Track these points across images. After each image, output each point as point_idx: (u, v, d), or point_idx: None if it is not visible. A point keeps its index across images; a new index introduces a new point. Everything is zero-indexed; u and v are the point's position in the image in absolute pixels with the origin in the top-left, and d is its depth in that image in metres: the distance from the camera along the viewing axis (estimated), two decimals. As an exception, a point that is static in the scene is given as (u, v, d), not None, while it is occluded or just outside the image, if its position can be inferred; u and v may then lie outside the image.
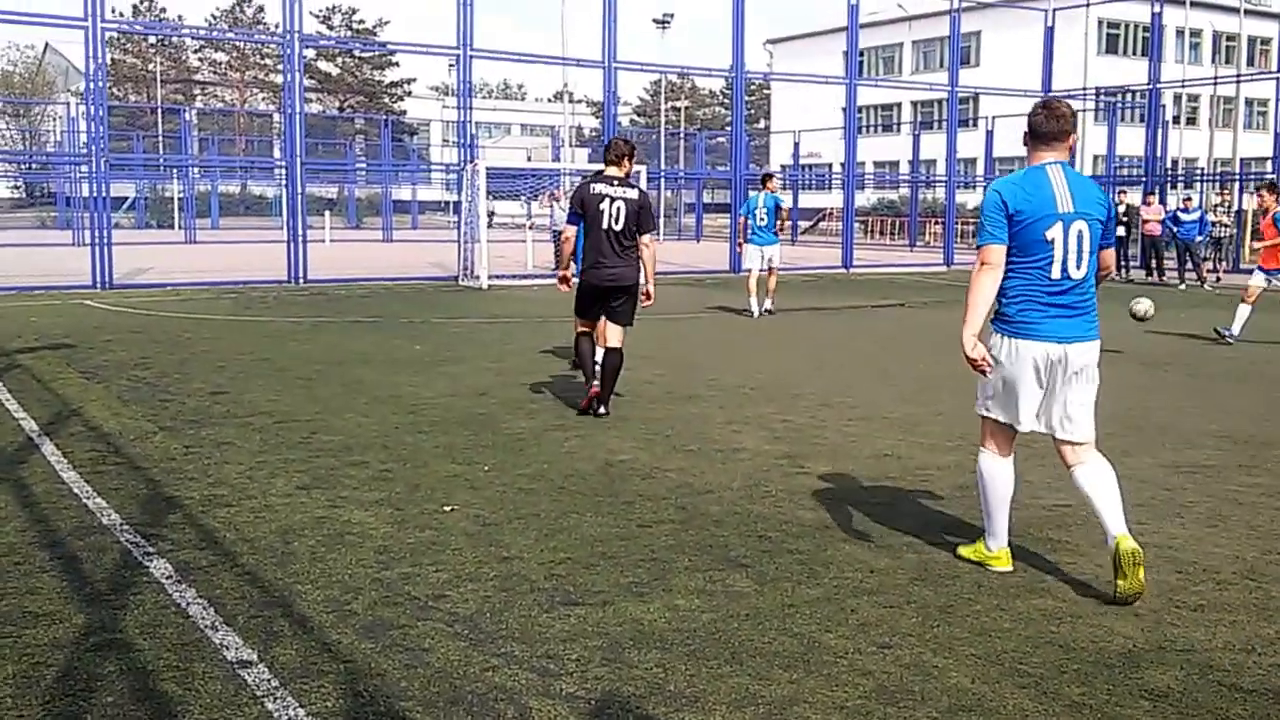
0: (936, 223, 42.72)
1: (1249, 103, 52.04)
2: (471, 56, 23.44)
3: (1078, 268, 4.98)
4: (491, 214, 27.92)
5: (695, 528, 5.82)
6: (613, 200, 8.72)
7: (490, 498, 6.36)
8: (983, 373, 5.07)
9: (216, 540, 5.50)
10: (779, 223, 17.04)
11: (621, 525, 5.85)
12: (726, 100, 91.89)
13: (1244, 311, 13.95)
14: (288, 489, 6.49)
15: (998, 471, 5.29)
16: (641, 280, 8.92)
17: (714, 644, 4.31)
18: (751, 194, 17.62)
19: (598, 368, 8.91)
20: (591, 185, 8.88)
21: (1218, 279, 24.98)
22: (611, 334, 8.88)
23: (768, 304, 17.16)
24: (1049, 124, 5.06)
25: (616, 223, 8.71)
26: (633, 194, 8.81)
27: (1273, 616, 4.66)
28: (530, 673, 4.03)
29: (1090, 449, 5.18)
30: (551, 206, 27.83)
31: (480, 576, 5.03)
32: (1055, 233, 4.94)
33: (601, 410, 8.79)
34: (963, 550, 5.43)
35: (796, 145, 51.32)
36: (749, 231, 17.00)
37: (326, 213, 42.52)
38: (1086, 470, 5.14)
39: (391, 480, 6.73)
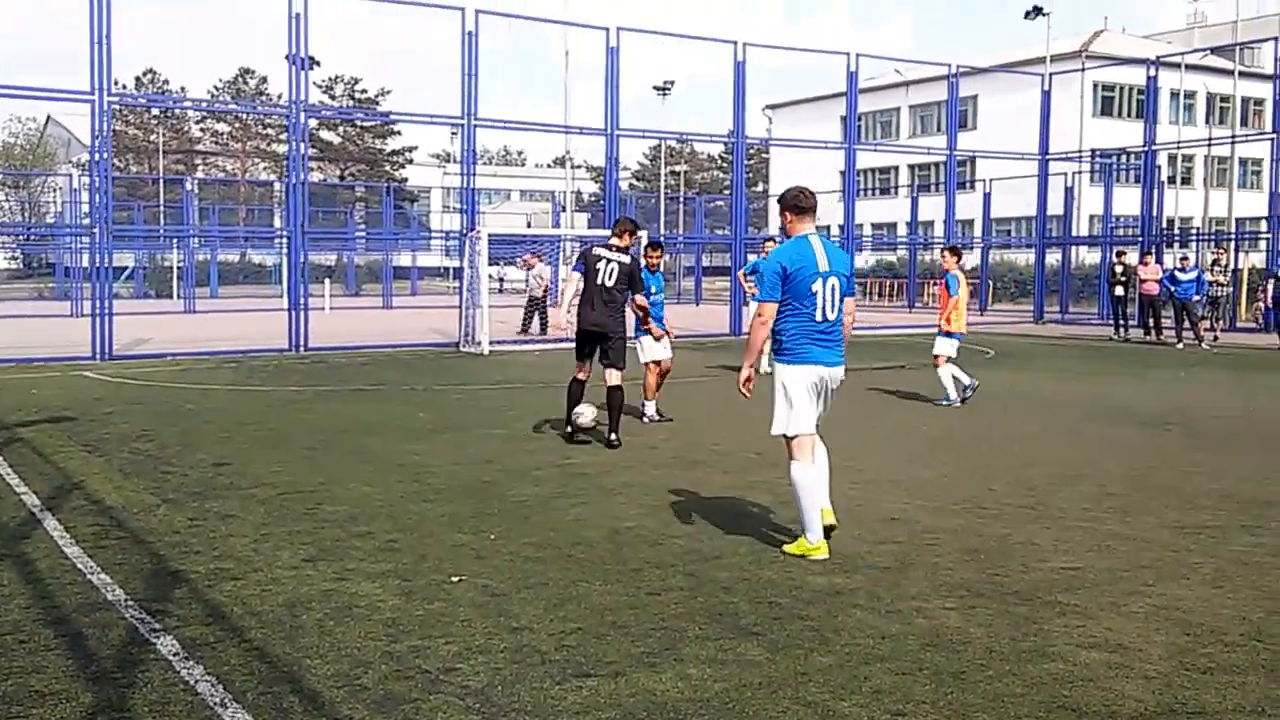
0: (935, 284, 42.87)
1: (1243, 163, 52.32)
2: (476, 125, 23.66)
3: (832, 311, 6.55)
4: (501, 279, 28.14)
5: (705, 595, 5.82)
6: (609, 262, 10.68)
7: (498, 567, 6.35)
8: (744, 395, 6.78)
9: (223, 615, 5.48)
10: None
11: (630, 593, 5.84)
12: (725, 164, 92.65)
13: (947, 374, 13.79)
14: (294, 561, 6.48)
15: (812, 478, 6.51)
16: (636, 324, 11.40)
17: (728, 714, 4.30)
18: (754, 258, 18.17)
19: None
20: (595, 249, 10.91)
21: (1215, 338, 25.02)
22: (610, 376, 10.78)
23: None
24: (806, 202, 6.66)
25: (609, 279, 10.63)
26: (626, 259, 10.76)
27: (1280, 678, 4.66)
28: (543, 746, 4.01)
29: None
30: (527, 270, 27.99)
31: (490, 648, 5.01)
32: (818, 286, 6.48)
33: (614, 438, 10.61)
34: (788, 549, 6.58)
35: (796, 208, 51.67)
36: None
37: (326, 280, 42.66)
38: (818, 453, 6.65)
39: (398, 551, 6.72)
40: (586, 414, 10.69)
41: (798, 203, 6.64)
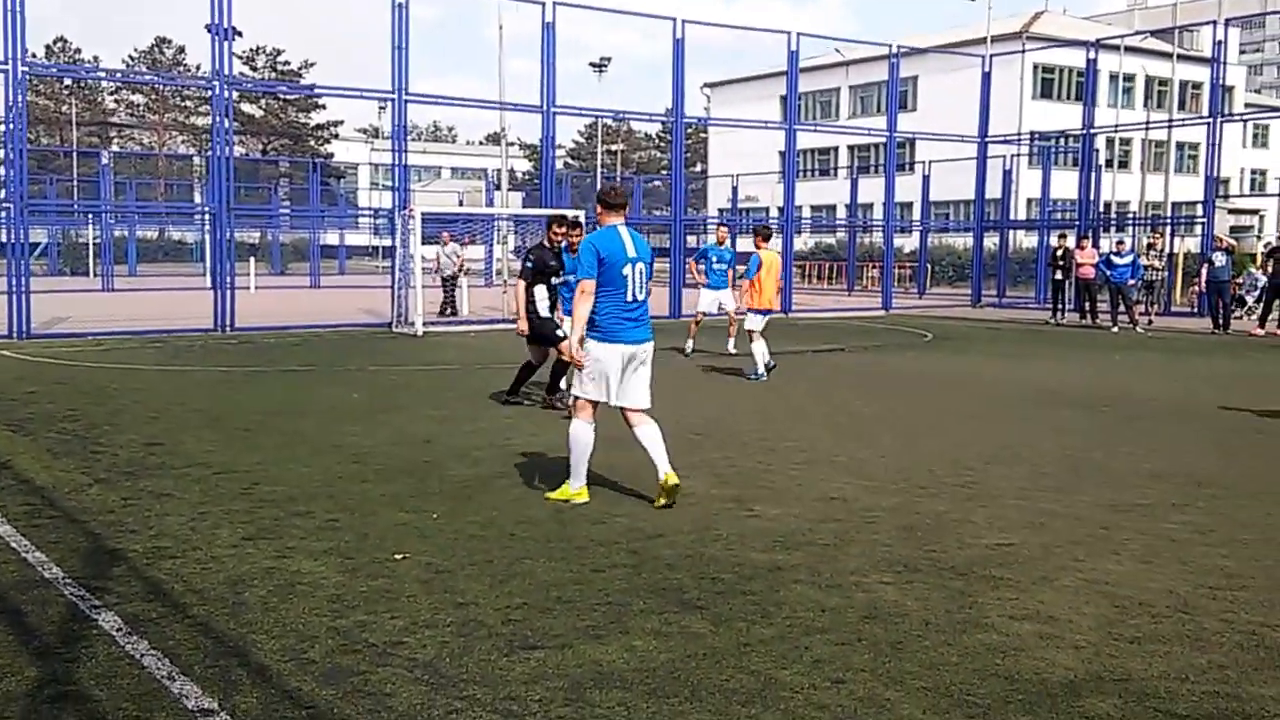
0: (874, 267, 42.87)
1: (1180, 147, 52.63)
2: (407, 101, 23.17)
3: (640, 293, 7.40)
4: (439, 260, 27.49)
5: (648, 571, 5.88)
6: None
7: (441, 545, 6.36)
8: (580, 367, 7.38)
9: (165, 592, 5.45)
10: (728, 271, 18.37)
11: (575, 570, 5.89)
12: (662, 143, 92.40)
13: (760, 348, 14.59)
14: (233, 540, 6.44)
15: (587, 434, 7.41)
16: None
17: (673, 683, 4.38)
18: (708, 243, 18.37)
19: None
20: None
21: (1150, 322, 25.48)
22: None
23: (731, 345, 17.83)
24: (615, 199, 7.52)
25: None
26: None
27: (1204, 647, 4.84)
28: (494, 714, 4.07)
29: (645, 415, 7.49)
30: (440, 250, 27.09)
31: (437, 623, 5.04)
32: (628, 270, 7.30)
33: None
34: (550, 495, 7.51)
35: (735, 189, 51.51)
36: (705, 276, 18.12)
37: (252, 259, 41.91)
38: (644, 429, 7.44)
39: (339, 530, 6.70)
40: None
41: (607, 199, 7.52)
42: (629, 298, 7.31)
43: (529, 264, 11.56)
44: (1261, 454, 9.68)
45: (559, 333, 11.61)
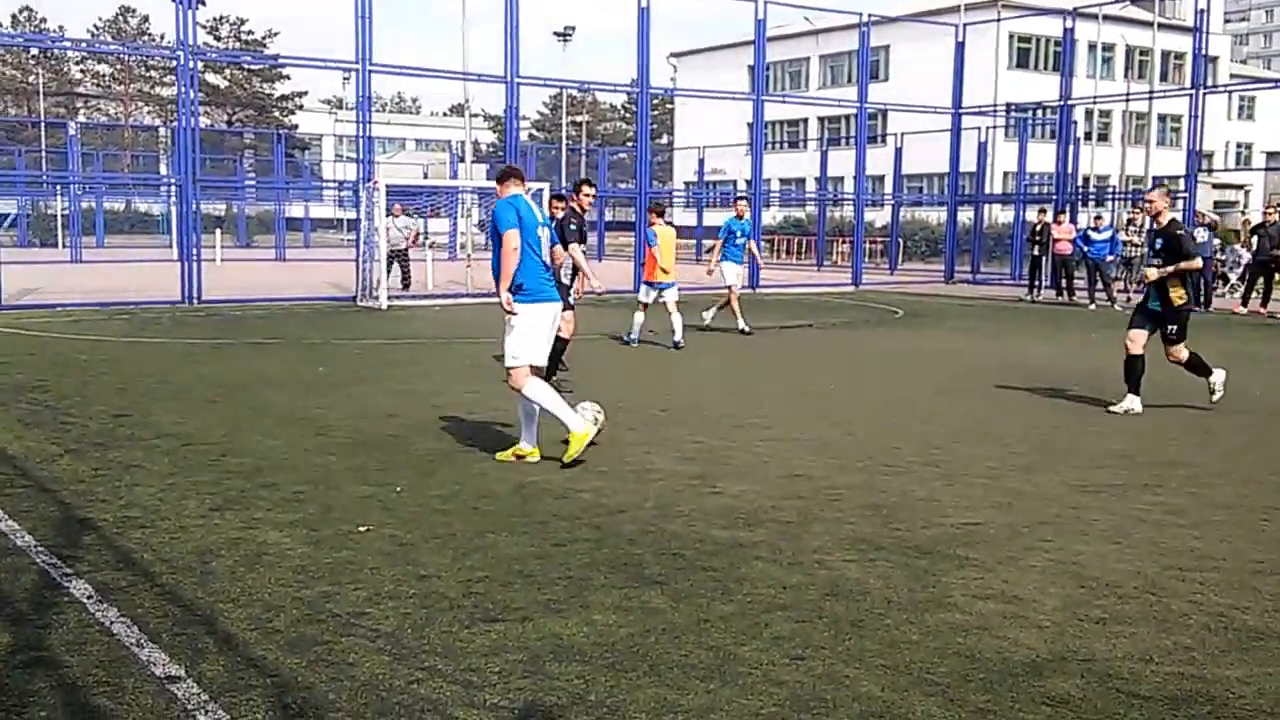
0: (844, 242, 42.32)
1: (1162, 119, 50.27)
2: (371, 71, 22.82)
3: (548, 257, 7.95)
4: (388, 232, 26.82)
5: (610, 546, 5.93)
6: None
7: (405, 518, 6.40)
8: (511, 313, 7.69)
9: (134, 561, 5.49)
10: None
11: (537, 544, 5.93)
12: (628, 115, 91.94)
13: (640, 319, 15.51)
14: (201, 510, 6.47)
15: (543, 384, 7.78)
16: None
17: (632, 657, 4.43)
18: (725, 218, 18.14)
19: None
20: None
21: (1128, 299, 25.24)
22: None
23: (742, 323, 17.45)
24: (515, 171, 8.09)
25: None
26: None
27: (1170, 628, 4.86)
28: (454, 685, 4.13)
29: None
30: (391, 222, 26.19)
31: (400, 594, 5.09)
32: (542, 234, 7.86)
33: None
34: (566, 457, 7.64)
35: (701, 162, 51.01)
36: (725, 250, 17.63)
37: (218, 231, 41.50)
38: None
39: (304, 502, 6.72)
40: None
41: (509, 172, 8.10)
42: (546, 260, 7.90)
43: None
44: (1236, 435, 9.63)
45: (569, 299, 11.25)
